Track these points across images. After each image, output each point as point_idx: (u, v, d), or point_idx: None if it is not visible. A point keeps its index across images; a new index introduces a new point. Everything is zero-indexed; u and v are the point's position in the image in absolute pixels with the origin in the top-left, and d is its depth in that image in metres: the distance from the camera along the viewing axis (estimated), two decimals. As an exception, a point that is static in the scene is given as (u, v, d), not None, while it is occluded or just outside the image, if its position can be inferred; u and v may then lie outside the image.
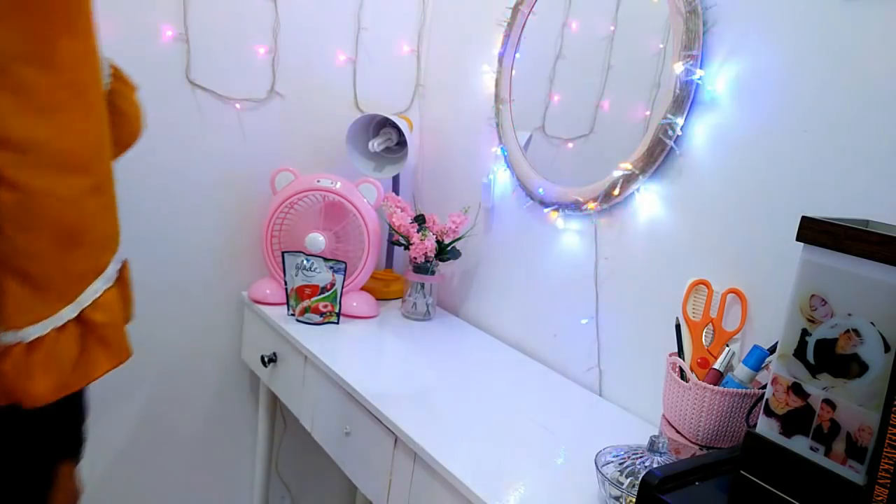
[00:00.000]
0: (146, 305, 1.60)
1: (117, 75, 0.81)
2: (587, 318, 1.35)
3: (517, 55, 1.52)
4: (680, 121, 1.15)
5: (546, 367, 1.43)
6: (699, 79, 1.13)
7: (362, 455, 1.22)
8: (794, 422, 0.72)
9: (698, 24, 1.12)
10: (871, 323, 0.66)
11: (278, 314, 1.54)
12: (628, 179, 1.23)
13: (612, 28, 1.33)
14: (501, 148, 1.55)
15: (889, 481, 0.63)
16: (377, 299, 1.66)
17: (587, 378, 1.35)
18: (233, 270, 1.69)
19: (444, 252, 1.61)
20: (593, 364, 1.33)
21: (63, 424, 0.73)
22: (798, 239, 0.72)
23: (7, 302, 0.65)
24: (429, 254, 1.57)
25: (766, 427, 0.75)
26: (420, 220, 1.62)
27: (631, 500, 0.85)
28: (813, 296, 0.70)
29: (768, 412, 0.74)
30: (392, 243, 1.76)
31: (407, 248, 1.60)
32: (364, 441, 1.21)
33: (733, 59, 1.09)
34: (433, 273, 1.61)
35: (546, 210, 1.43)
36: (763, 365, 0.97)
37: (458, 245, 1.63)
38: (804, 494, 0.70)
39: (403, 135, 1.67)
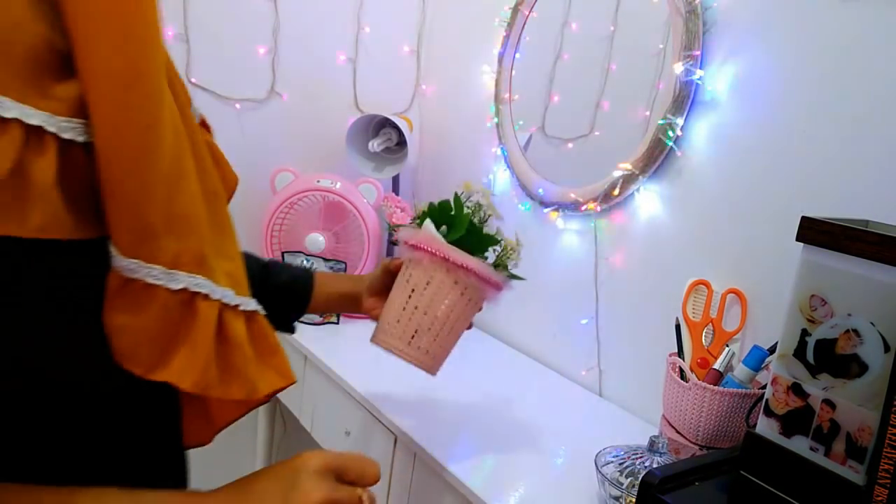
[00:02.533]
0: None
1: None
2: (587, 318, 1.35)
3: (517, 55, 1.52)
4: (680, 121, 1.15)
5: (546, 367, 1.43)
6: (699, 79, 1.13)
7: (362, 455, 1.22)
8: (794, 422, 0.72)
9: (698, 24, 1.12)
10: (871, 323, 0.66)
11: (278, 314, 1.54)
12: (628, 179, 1.23)
13: (612, 28, 1.33)
14: (501, 148, 1.55)
15: (889, 481, 0.63)
16: (377, 299, 1.66)
17: (587, 378, 1.35)
18: (233, 270, 1.69)
19: (444, 252, 1.61)
20: (593, 364, 1.33)
21: None
22: (798, 239, 0.72)
23: None
24: (429, 254, 1.57)
25: (765, 427, 0.75)
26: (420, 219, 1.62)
27: (631, 500, 0.85)
28: (813, 296, 0.70)
29: (768, 412, 0.74)
30: (392, 243, 1.76)
31: (407, 248, 1.60)
32: (364, 441, 1.20)
33: (733, 59, 1.09)
34: (433, 273, 1.61)
35: (546, 210, 1.42)
36: (763, 365, 0.97)
37: (458, 245, 1.63)
38: (804, 494, 0.70)
39: (403, 135, 1.67)
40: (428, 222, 0.89)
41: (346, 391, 1.23)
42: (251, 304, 0.54)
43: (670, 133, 1.16)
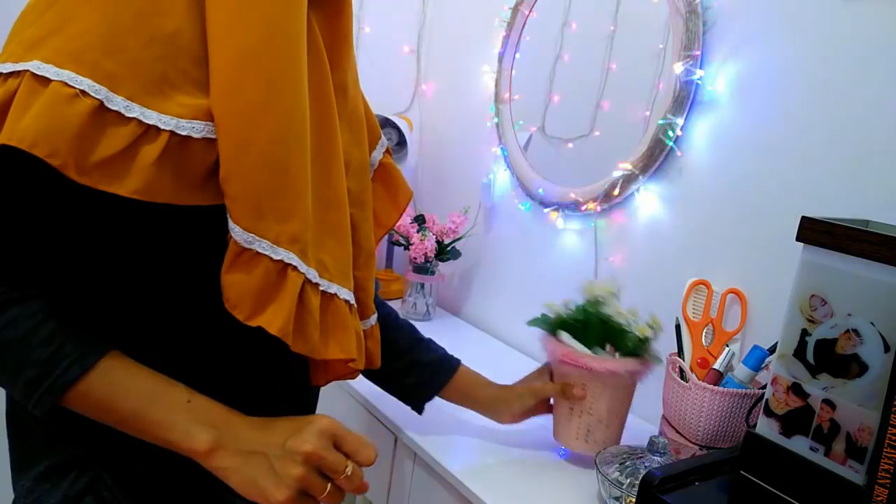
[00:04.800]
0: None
1: None
2: (587, 318, 1.35)
3: (517, 55, 1.52)
4: (680, 121, 1.15)
5: (546, 367, 1.43)
6: (699, 79, 1.13)
7: (362, 455, 1.22)
8: (794, 422, 0.72)
9: (698, 24, 1.12)
10: (871, 323, 0.66)
11: (278, 314, 1.53)
12: (628, 179, 1.23)
13: (612, 28, 1.33)
14: (501, 148, 1.55)
15: (889, 481, 0.63)
16: (377, 299, 1.66)
17: (587, 378, 1.34)
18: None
19: (444, 252, 1.61)
20: (593, 364, 1.33)
21: None
22: (798, 239, 0.72)
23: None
24: (429, 254, 1.57)
25: (765, 427, 0.75)
26: (420, 220, 1.62)
27: (631, 501, 0.85)
28: (813, 296, 0.70)
29: (768, 412, 0.74)
30: (392, 243, 1.76)
31: (407, 248, 1.60)
32: (364, 441, 1.20)
33: (733, 59, 1.09)
34: (433, 273, 1.61)
35: (546, 210, 1.42)
36: (763, 365, 0.97)
37: (458, 245, 1.63)
38: (804, 494, 0.70)
39: (403, 135, 1.67)
40: (565, 334, 1.00)
41: (346, 391, 1.23)
42: (332, 288, 0.68)
43: (670, 133, 1.16)
